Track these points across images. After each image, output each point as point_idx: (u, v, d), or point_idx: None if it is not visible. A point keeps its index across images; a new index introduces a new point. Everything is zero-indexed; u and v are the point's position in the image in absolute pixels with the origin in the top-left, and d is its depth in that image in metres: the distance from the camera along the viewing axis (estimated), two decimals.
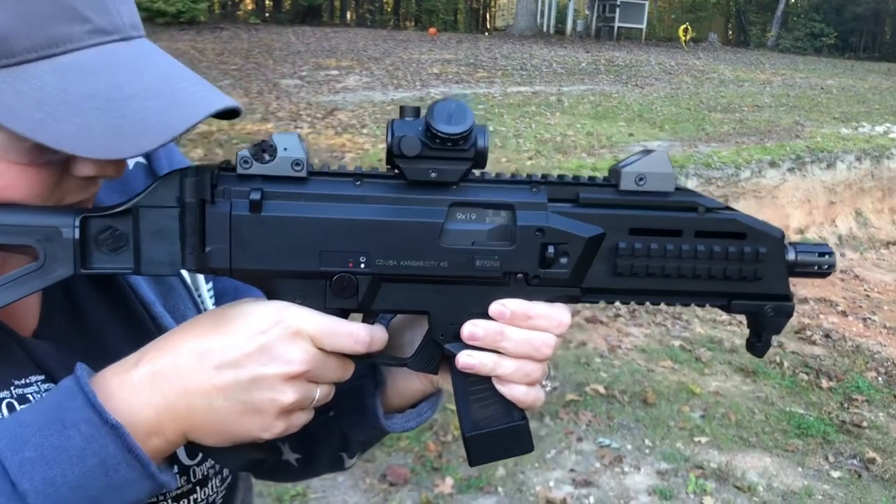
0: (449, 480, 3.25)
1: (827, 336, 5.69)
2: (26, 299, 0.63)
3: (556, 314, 0.69)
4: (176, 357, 0.60)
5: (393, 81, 12.36)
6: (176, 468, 0.70)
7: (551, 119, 9.85)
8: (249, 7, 40.45)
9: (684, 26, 25.13)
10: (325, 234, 0.65)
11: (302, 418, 0.65)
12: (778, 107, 11.85)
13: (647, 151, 0.70)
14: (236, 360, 0.60)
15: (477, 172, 0.68)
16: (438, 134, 0.63)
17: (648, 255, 0.69)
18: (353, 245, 0.65)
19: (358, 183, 0.66)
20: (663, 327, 5.45)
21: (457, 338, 0.69)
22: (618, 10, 24.71)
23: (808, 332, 5.71)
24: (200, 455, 0.76)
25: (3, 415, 0.63)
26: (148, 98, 0.59)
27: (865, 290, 7.24)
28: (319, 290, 0.66)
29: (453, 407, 2.98)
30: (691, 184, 7.71)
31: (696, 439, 3.86)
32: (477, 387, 0.71)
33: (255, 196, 0.63)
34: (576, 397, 4.13)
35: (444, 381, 0.75)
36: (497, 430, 0.72)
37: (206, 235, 0.64)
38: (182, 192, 0.63)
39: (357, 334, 0.65)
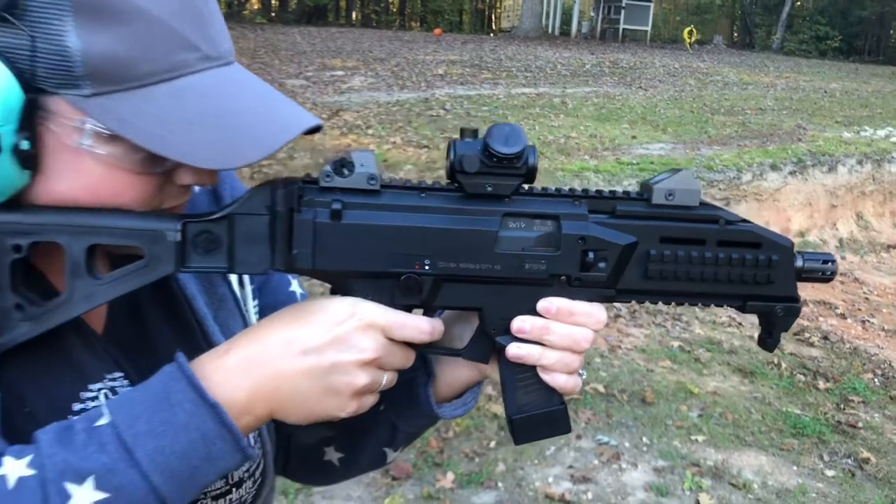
0: (450, 475, 3.32)
1: (825, 338, 5.75)
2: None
3: (595, 312, 0.77)
4: (264, 345, 0.67)
5: (398, 82, 12.43)
6: None
7: (555, 121, 9.91)
8: (255, 6, 40.51)
9: (689, 28, 25.15)
10: (395, 240, 0.73)
11: (370, 400, 0.72)
12: (781, 110, 11.90)
13: (676, 170, 0.79)
14: (318, 347, 0.67)
15: (526, 186, 0.77)
16: (496, 154, 0.72)
17: (676, 261, 0.78)
18: (419, 250, 0.73)
19: (423, 195, 0.74)
20: (663, 328, 5.51)
21: (506, 331, 0.77)
22: (623, 11, 24.77)
23: (807, 335, 5.77)
24: None
25: (106, 399, 0.72)
26: (250, 116, 0.67)
27: (865, 292, 7.29)
28: (388, 289, 0.73)
29: None
30: None
31: (694, 438, 3.92)
32: (522, 375, 0.79)
33: (336, 206, 0.71)
34: (575, 396, 4.19)
35: (492, 371, 0.82)
36: (539, 414, 0.80)
37: (294, 240, 0.71)
38: (273, 201, 0.71)
39: (421, 326, 0.73)
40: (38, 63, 0.62)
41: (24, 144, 0.63)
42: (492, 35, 28.01)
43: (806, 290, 7.04)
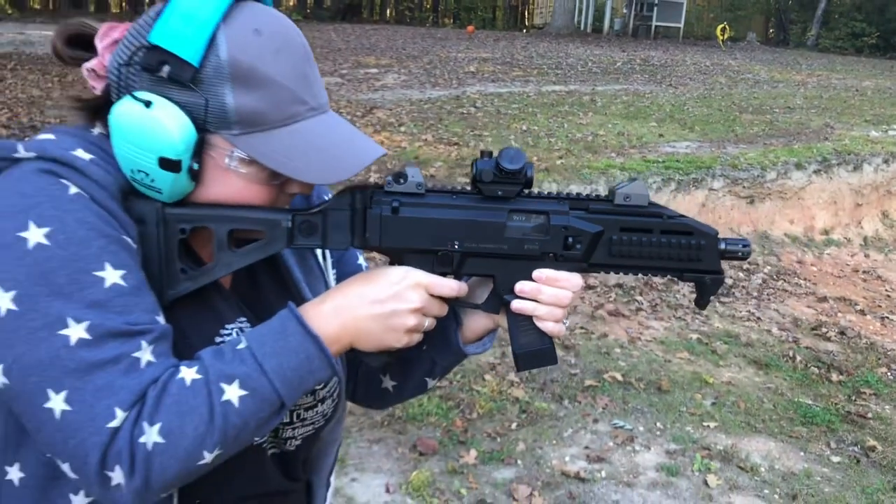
0: (473, 452, 3.57)
1: (842, 333, 5.90)
2: None
3: (573, 279, 1.06)
4: (347, 298, 0.97)
5: (430, 80, 12.67)
6: None
7: (584, 118, 10.09)
8: (291, 3, 40.95)
9: (722, 25, 25.06)
10: (434, 228, 1.03)
11: (417, 337, 1.01)
12: (809, 108, 11.95)
13: (633, 179, 1.08)
14: (382, 299, 0.97)
15: (526, 191, 1.06)
16: (504, 169, 1.02)
17: (630, 244, 1.06)
18: (451, 234, 1.03)
19: (454, 197, 1.04)
20: (683, 321, 5.71)
21: (511, 292, 1.06)
22: (655, 8, 24.77)
23: (824, 329, 5.92)
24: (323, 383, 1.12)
25: (237, 334, 1.03)
26: (339, 149, 0.97)
27: (887, 290, 7.40)
28: (429, 261, 1.03)
29: (478, 388, 3.38)
30: (717, 184, 7.92)
31: (706, 424, 4.13)
32: (522, 322, 1.08)
33: (395, 204, 1.01)
34: (594, 383, 4.42)
35: (501, 320, 1.11)
36: (534, 350, 1.09)
37: (366, 227, 1.01)
38: (353, 201, 1.01)
39: (452, 286, 1.02)
40: (207, 114, 0.92)
41: (195, 166, 0.94)
42: (524, 32, 28.13)
43: (828, 287, 7.18)
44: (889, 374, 5.21)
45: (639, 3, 25.20)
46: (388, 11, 36.82)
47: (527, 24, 34.30)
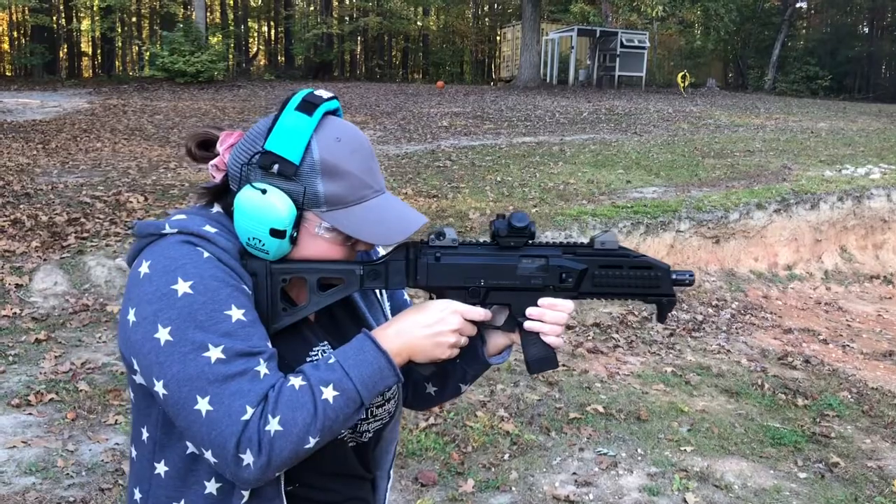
0: (470, 482, 3.86)
1: (807, 361, 6.29)
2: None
3: (568, 304, 1.36)
4: (405, 323, 1.28)
5: (405, 135, 13.13)
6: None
7: (554, 168, 10.55)
8: (262, 62, 41.62)
9: (682, 73, 26.02)
10: (466, 271, 1.34)
11: (455, 352, 1.32)
12: (768, 151, 12.54)
13: (606, 231, 1.46)
14: (431, 324, 1.27)
15: (531, 241, 1.39)
16: (514, 226, 1.35)
17: (607, 277, 1.39)
18: (478, 274, 1.35)
19: (479, 248, 1.37)
20: (658, 356, 6.07)
21: (523, 315, 1.38)
22: (618, 59, 25.66)
23: (790, 359, 6.30)
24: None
25: (324, 354, 1.33)
26: (395, 219, 1.29)
27: (847, 320, 7.82)
28: (463, 295, 1.34)
29: (471, 424, 3.82)
30: (684, 226, 8.37)
31: (683, 448, 4.46)
32: (532, 338, 1.39)
33: (437, 255, 1.33)
34: (578, 415, 4.74)
35: (515, 338, 1.42)
36: (542, 357, 1.40)
37: (417, 272, 1.34)
38: (407, 253, 1.34)
39: (480, 312, 1.33)
40: (304, 198, 1.25)
41: (294, 234, 1.27)
42: (493, 85, 28.83)
43: (792, 319, 7.59)
44: (850, 397, 5.58)
45: (602, 55, 26.10)
46: (358, 69, 37.57)
47: (494, 77, 35.14)
